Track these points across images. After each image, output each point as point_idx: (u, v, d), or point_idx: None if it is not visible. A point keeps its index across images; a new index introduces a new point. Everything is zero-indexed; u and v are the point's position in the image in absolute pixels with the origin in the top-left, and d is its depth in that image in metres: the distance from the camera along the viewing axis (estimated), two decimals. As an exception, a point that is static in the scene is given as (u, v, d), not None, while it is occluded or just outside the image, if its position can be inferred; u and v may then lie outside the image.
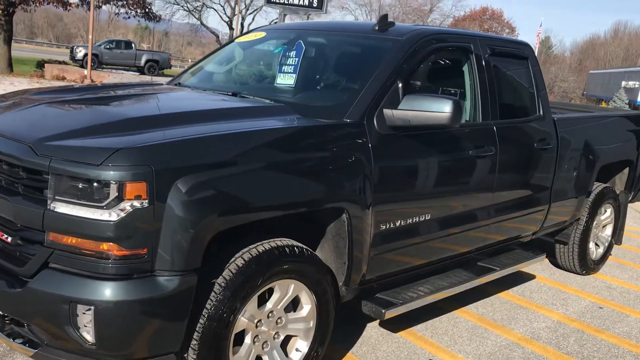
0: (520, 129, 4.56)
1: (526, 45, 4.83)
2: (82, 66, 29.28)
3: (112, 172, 2.46)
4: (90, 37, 26.41)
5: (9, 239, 2.77)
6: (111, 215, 2.47)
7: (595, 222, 5.77)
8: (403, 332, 4.25)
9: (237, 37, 4.77)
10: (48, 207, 2.54)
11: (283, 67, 4.09)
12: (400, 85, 3.55)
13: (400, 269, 3.80)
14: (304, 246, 3.14)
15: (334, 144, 3.20)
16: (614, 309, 5.13)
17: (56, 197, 2.54)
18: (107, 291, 2.50)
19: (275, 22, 30.40)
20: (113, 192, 2.47)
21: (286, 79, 4.03)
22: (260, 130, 3.01)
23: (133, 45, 34.76)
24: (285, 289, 3.08)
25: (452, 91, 4.09)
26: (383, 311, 3.60)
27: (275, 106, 3.47)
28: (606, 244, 6.10)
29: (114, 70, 31.86)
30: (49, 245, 2.58)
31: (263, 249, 2.93)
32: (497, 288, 5.22)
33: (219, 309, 2.76)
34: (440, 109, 3.35)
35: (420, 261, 3.92)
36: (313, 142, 3.13)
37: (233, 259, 2.86)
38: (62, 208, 2.53)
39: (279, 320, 3.12)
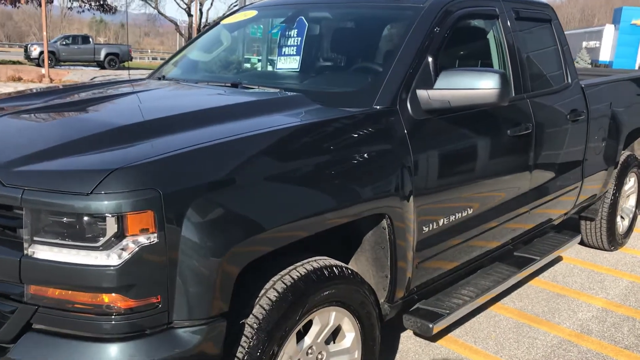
0: (551, 101, 4.05)
1: (548, 7, 4.30)
2: (38, 65, 28.05)
3: (107, 202, 1.87)
4: (44, 33, 25.23)
5: (-22, 293, 2.17)
6: (110, 258, 1.89)
7: (621, 194, 5.34)
8: (442, 340, 3.75)
9: (223, 19, 4.14)
10: (25, 253, 1.95)
11: (283, 49, 3.51)
12: (430, 60, 3.00)
13: (442, 273, 3.28)
14: (343, 264, 2.59)
15: (369, 137, 2.64)
16: (656, 288, 4.72)
17: (35, 239, 1.94)
18: (113, 356, 1.92)
19: (236, 6, 29.45)
20: (111, 228, 1.88)
21: (289, 63, 3.44)
22: (288, 128, 2.44)
23: (90, 39, 33.48)
24: (325, 319, 2.54)
25: (479, 62, 3.56)
26: (430, 326, 3.09)
27: (292, 97, 2.88)
28: (631, 216, 5.69)
29: (72, 67, 30.62)
30: (30, 301, 1.98)
31: (298, 274, 2.37)
32: (527, 275, 4.75)
33: (253, 357, 2.20)
34: (486, 85, 2.81)
35: (462, 261, 3.41)
36: (347, 138, 2.57)
37: (264, 291, 2.30)
38: (43, 253, 1.94)
39: (319, 356, 2.58)
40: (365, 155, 2.57)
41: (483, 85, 2.81)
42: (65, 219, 1.91)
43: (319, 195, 2.35)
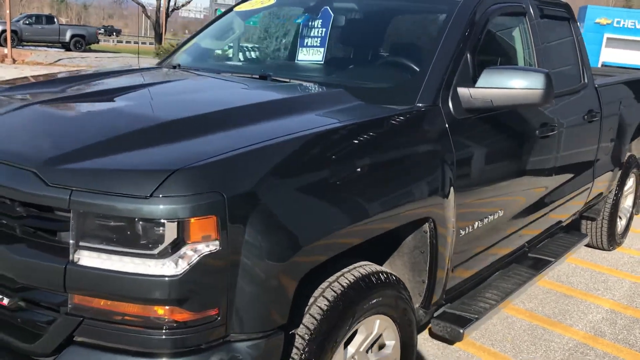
0: (572, 101, 3.99)
1: (567, 6, 4.23)
2: (0, 44, 27.04)
3: (167, 206, 1.70)
4: (7, 12, 24.35)
5: (5, 301, 1.98)
6: (167, 267, 1.73)
7: (622, 194, 5.35)
8: (459, 342, 3.67)
9: (236, 5, 3.94)
10: (71, 260, 1.77)
11: (306, 40, 3.35)
12: (469, 57, 2.89)
13: (470, 277, 3.19)
14: (387, 270, 2.47)
15: (419, 137, 2.53)
16: (659, 289, 4.74)
17: (81, 245, 1.77)
18: None
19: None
20: (170, 234, 1.72)
21: (312, 55, 3.29)
22: (345, 126, 2.30)
23: (55, 19, 32.47)
24: (370, 328, 2.41)
25: (509, 60, 3.46)
26: (461, 331, 3.00)
27: (335, 92, 2.72)
28: (628, 215, 5.71)
29: (35, 48, 29.65)
30: (73, 311, 1.81)
31: (347, 281, 2.24)
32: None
33: (305, 371, 2.06)
34: (532, 85, 2.71)
35: (488, 265, 3.33)
36: (401, 137, 2.45)
37: (313, 300, 2.16)
38: (91, 260, 1.77)
39: (360, 366, 2.46)
40: (417, 156, 2.46)
41: (528, 85, 2.72)
42: (118, 223, 1.74)
43: (376, 198, 2.22)
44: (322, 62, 3.25)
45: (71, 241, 1.77)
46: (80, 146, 1.92)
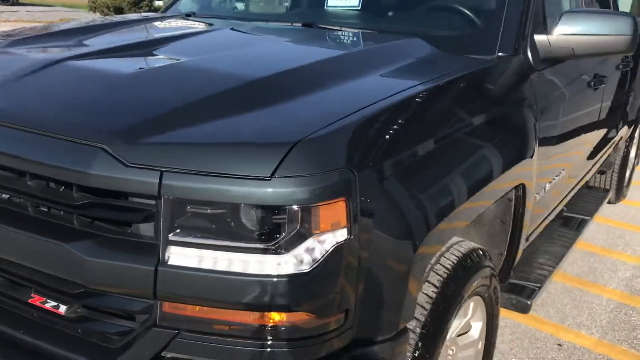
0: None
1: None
2: None
3: (290, 189, 1.33)
4: None
5: (61, 310, 1.58)
6: (289, 265, 1.37)
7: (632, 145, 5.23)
8: (503, 311, 3.46)
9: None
10: (162, 259, 1.39)
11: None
12: (543, 1, 2.57)
13: (530, 243, 2.94)
14: (481, 246, 2.17)
15: (511, 91, 2.22)
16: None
17: (173, 240, 1.38)
18: None
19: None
20: (292, 223, 1.35)
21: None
22: (450, 82, 1.97)
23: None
24: (466, 311, 2.13)
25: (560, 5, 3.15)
26: (529, 302, 2.78)
27: (413, 42, 2.33)
28: (631, 167, 5.61)
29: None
30: (164, 323, 1.44)
31: (449, 262, 1.92)
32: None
33: (421, 370, 1.76)
34: (619, 31, 2.42)
35: (543, 227, 3.09)
36: (498, 92, 2.14)
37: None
38: (187, 259, 1.39)
39: (450, 352, 2.18)
40: (513, 112, 2.16)
41: (614, 31, 2.42)
42: (222, 212, 1.36)
43: (486, 164, 1.91)
44: (358, 7, 2.86)
45: (161, 236, 1.39)
46: (159, 113, 1.50)
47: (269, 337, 1.41)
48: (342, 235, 1.39)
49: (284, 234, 1.36)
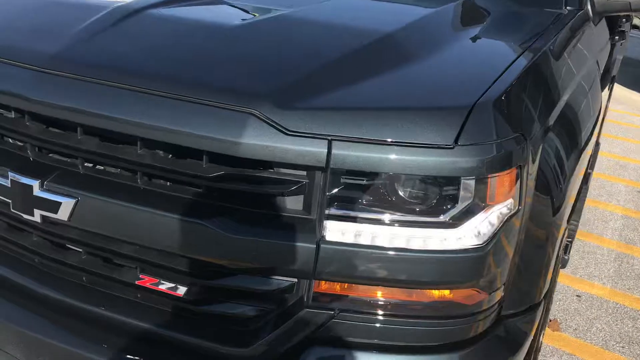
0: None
1: None
2: None
3: (472, 158, 1.22)
4: None
5: (180, 291, 1.42)
6: (466, 239, 1.27)
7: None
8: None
9: None
10: (322, 236, 1.26)
11: None
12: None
13: None
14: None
15: (592, 42, 2.17)
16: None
17: (331, 214, 1.25)
18: None
19: None
20: (466, 194, 1.25)
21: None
22: (556, 34, 1.87)
23: None
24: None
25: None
26: (566, 257, 2.81)
27: None
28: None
29: None
30: (317, 304, 1.32)
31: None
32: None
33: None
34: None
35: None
36: (581, 39, 2.06)
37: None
38: (346, 234, 1.27)
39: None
40: (594, 64, 2.10)
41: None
42: (391, 183, 1.24)
43: (597, 103, 1.88)
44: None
45: (319, 210, 1.25)
46: (304, 75, 1.33)
47: (436, 315, 1.33)
48: (513, 205, 1.31)
49: (459, 206, 1.25)
